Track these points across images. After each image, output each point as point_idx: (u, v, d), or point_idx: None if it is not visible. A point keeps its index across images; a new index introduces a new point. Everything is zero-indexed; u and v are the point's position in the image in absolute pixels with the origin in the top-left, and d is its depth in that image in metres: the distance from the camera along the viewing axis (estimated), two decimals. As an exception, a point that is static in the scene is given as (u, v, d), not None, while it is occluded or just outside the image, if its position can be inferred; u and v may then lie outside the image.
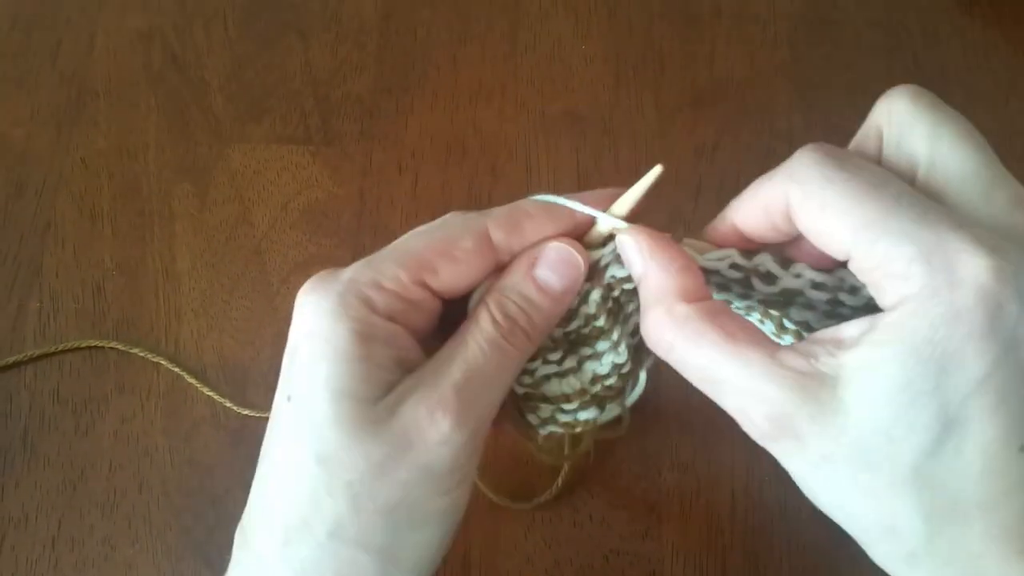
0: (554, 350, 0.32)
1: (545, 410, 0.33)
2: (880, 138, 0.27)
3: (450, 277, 0.29)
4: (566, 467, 0.43)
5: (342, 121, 0.54)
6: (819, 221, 0.25)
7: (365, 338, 0.27)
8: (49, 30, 0.57)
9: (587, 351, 0.32)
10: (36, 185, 0.53)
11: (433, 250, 0.29)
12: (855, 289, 0.28)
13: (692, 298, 0.27)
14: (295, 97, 0.55)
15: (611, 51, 0.55)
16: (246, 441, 0.47)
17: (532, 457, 0.44)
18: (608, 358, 0.32)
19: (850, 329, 0.25)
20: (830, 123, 0.52)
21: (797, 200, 0.26)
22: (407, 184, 0.52)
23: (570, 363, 0.32)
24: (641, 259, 0.28)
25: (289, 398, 0.28)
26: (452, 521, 0.29)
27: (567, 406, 0.33)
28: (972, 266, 0.22)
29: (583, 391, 0.32)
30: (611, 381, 0.32)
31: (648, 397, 0.46)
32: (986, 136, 0.52)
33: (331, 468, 0.27)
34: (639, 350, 0.32)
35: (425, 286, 0.29)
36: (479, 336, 0.28)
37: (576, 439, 0.36)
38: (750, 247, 0.29)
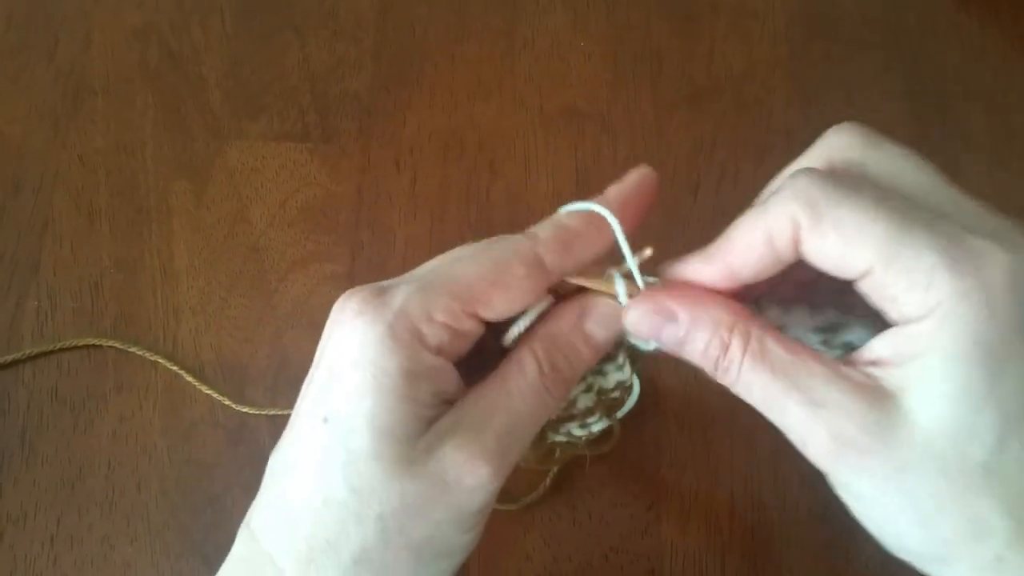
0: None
1: (566, 428, 0.33)
2: (830, 169, 0.27)
3: (502, 306, 0.28)
4: (555, 469, 0.44)
5: (340, 118, 0.54)
6: (834, 241, 0.25)
7: (412, 375, 0.27)
8: (45, 27, 0.57)
9: (611, 365, 0.32)
10: (33, 183, 0.52)
11: (486, 280, 0.28)
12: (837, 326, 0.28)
13: (743, 317, 0.27)
14: (292, 94, 0.54)
15: (609, 48, 0.55)
16: (244, 440, 0.47)
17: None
18: (613, 376, 0.32)
19: (882, 347, 0.25)
20: (828, 119, 0.51)
21: (808, 221, 0.25)
22: (405, 181, 0.52)
23: (589, 379, 0.32)
24: (675, 324, 0.28)
25: (326, 420, 0.27)
26: (471, 550, 0.29)
27: (589, 420, 0.33)
28: (996, 264, 0.23)
29: (597, 404, 0.33)
30: (615, 394, 0.33)
31: (647, 395, 0.46)
32: (983, 134, 0.52)
33: (363, 499, 0.26)
34: (635, 361, 0.32)
35: (476, 316, 0.28)
36: (523, 384, 0.28)
37: (564, 448, 0.37)
38: (731, 290, 0.28)
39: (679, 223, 0.50)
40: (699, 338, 0.27)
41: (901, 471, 0.24)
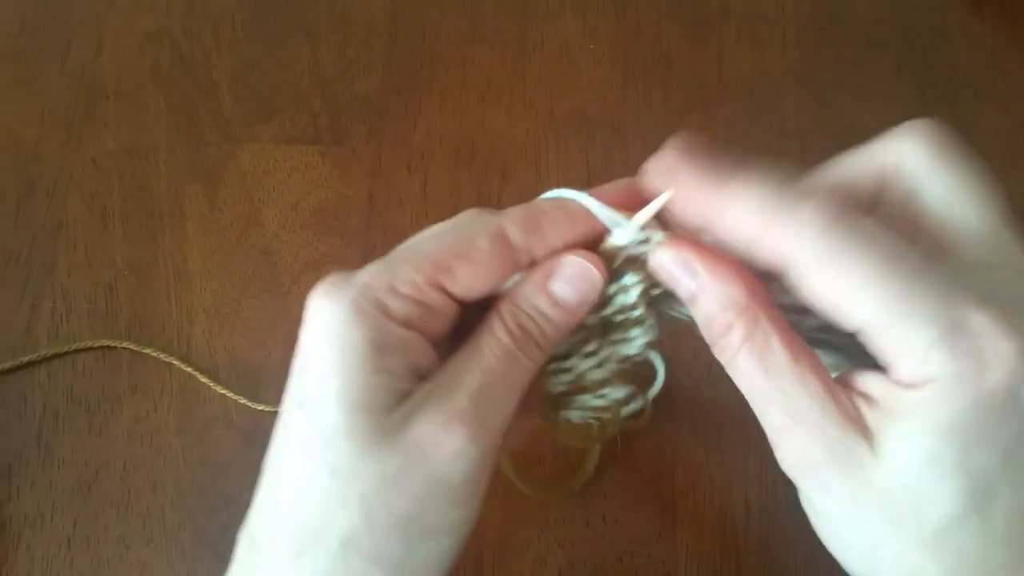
0: (588, 341, 0.31)
1: (580, 400, 0.33)
2: (881, 175, 0.27)
3: (467, 279, 0.28)
4: (596, 451, 0.44)
5: (351, 122, 0.54)
6: (832, 293, 0.24)
7: (380, 347, 0.26)
8: (58, 32, 0.57)
9: (619, 335, 0.32)
10: (47, 186, 0.53)
11: (449, 251, 0.28)
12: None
13: (757, 303, 0.26)
14: (304, 98, 0.55)
15: (619, 51, 0.55)
16: (258, 440, 0.47)
17: (554, 450, 0.44)
18: (639, 341, 0.31)
19: (874, 387, 0.25)
20: (840, 123, 0.52)
21: (807, 267, 0.24)
22: (416, 185, 0.52)
23: (605, 351, 0.32)
24: (693, 279, 0.27)
25: (301, 405, 0.27)
26: (465, 532, 0.29)
27: (604, 391, 0.32)
28: (998, 350, 0.22)
29: (617, 373, 0.32)
30: (639, 358, 0.32)
31: (661, 398, 0.46)
32: (994, 136, 0.52)
33: (344, 480, 0.26)
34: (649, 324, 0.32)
35: (442, 289, 0.28)
36: (493, 346, 0.28)
37: (603, 422, 0.37)
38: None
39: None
40: (708, 307, 0.27)
41: (855, 506, 0.24)
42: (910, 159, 0.26)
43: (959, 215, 0.25)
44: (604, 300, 0.30)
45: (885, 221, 0.27)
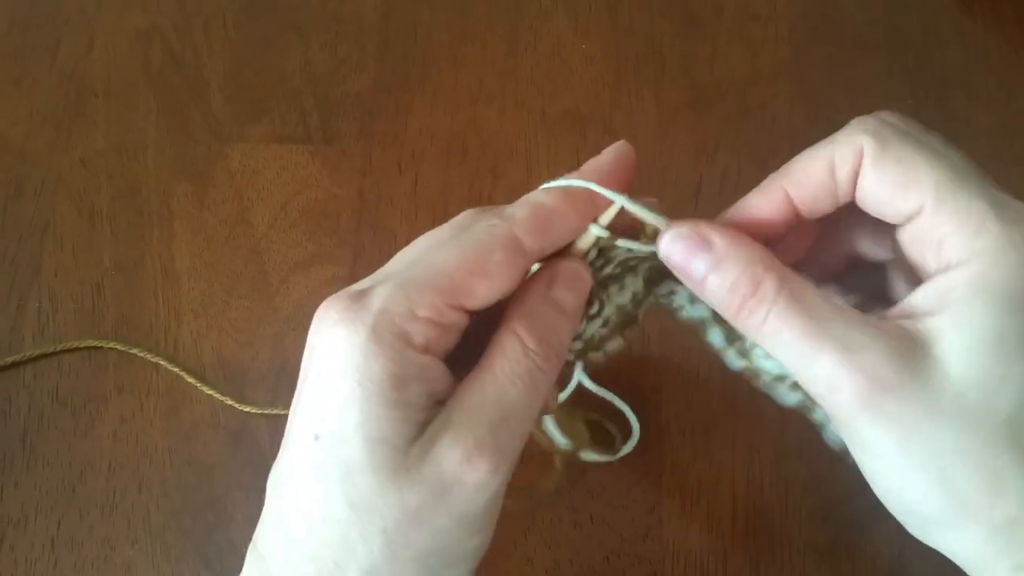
0: (592, 304, 0.31)
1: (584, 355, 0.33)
2: (856, 163, 0.27)
3: (485, 294, 0.27)
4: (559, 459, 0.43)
5: (342, 121, 0.54)
6: (894, 175, 0.26)
7: (400, 379, 0.26)
8: (48, 29, 0.57)
9: (615, 288, 0.32)
10: (35, 185, 0.52)
11: (466, 269, 0.27)
12: None
13: (778, 267, 0.27)
14: (294, 97, 0.54)
15: (611, 50, 0.55)
16: (245, 442, 0.46)
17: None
18: (633, 287, 0.32)
19: (920, 297, 0.25)
20: (832, 122, 0.51)
21: (873, 152, 0.26)
22: (407, 184, 0.52)
23: (608, 310, 0.32)
24: (707, 253, 0.27)
25: (317, 438, 0.26)
26: (481, 555, 0.29)
27: (606, 346, 0.33)
28: None
29: (615, 326, 0.32)
30: (629, 308, 0.32)
31: (649, 398, 0.46)
32: (985, 136, 0.52)
33: (364, 515, 0.26)
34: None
35: (460, 308, 0.27)
36: (509, 368, 0.27)
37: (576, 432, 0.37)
38: (781, 229, 0.29)
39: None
40: (730, 271, 0.27)
41: (928, 419, 0.24)
42: (897, 121, 0.28)
43: (953, 156, 0.27)
44: (605, 261, 0.30)
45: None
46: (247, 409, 0.47)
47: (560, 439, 0.40)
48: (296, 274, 0.50)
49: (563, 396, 0.37)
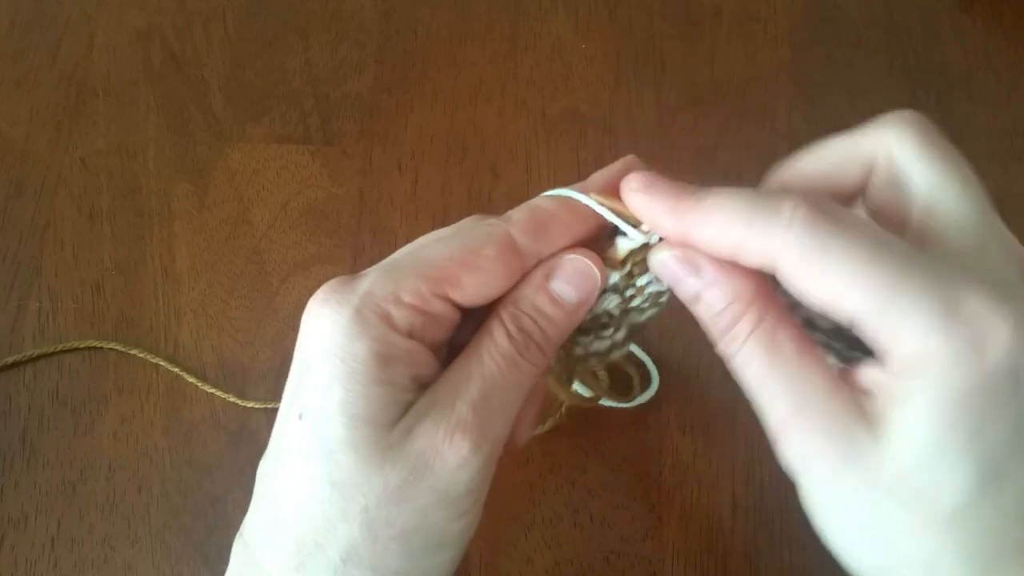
0: (607, 326, 0.31)
1: (594, 361, 0.33)
2: (867, 166, 0.27)
3: (474, 288, 0.27)
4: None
5: (342, 121, 0.54)
6: (821, 288, 0.24)
7: (383, 358, 0.26)
8: (48, 30, 0.57)
9: (635, 314, 0.32)
10: (35, 185, 0.52)
11: (455, 260, 0.27)
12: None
13: (763, 297, 0.26)
14: (295, 96, 0.55)
15: (611, 50, 0.55)
16: (245, 441, 0.47)
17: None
18: (651, 312, 0.31)
19: (872, 377, 0.24)
20: (832, 122, 0.51)
21: (790, 267, 0.24)
22: (407, 184, 0.52)
23: (624, 328, 0.32)
24: (697, 276, 0.27)
25: (300, 416, 0.27)
26: (465, 541, 0.29)
27: (620, 350, 0.32)
28: (995, 330, 0.22)
29: (628, 334, 0.32)
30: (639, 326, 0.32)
31: (648, 399, 0.46)
32: (985, 137, 0.52)
33: (345, 493, 0.26)
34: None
35: (447, 299, 0.27)
36: (494, 352, 0.27)
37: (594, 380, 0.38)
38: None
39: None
40: (715, 300, 0.26)
41: (868, 489, 0.24)
42: (896, 148, 0.26)
43: (945, 203, 0.25)
44: (621, 291, 0.30)
45: (871, 209, 0.27)
46: (249, 404, 0.47)
47: (579, 387, 0.39)
48: (296, 274, 0.50)
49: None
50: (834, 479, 0.24)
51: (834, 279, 0.23)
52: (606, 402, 0.42)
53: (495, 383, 0.27)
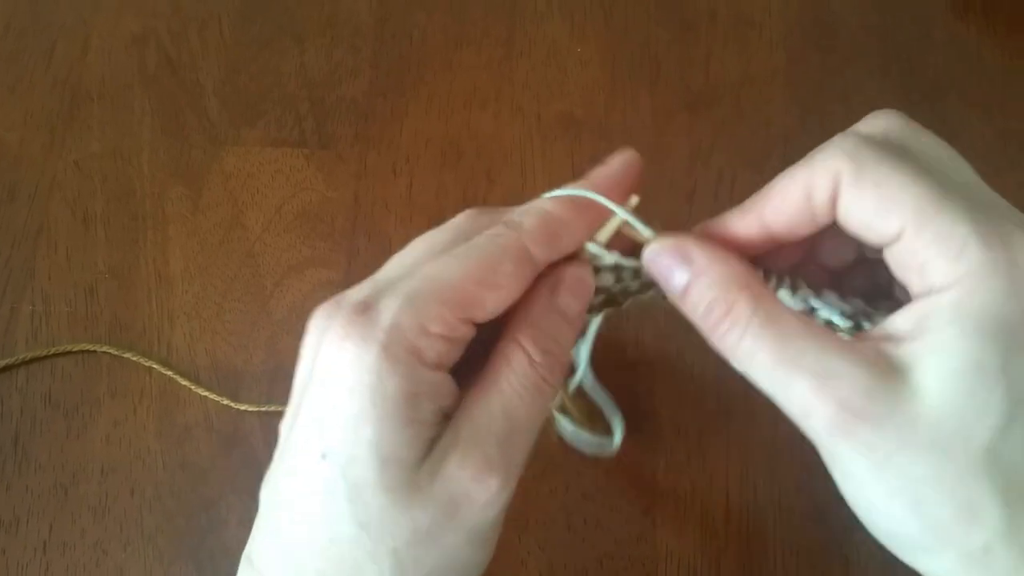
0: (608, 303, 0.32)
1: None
2: (834, 188, 0.27)
3: (493, 305, 0.27)
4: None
5: (337, 124, 0.54)
6: (872, 199, 0.25)
7: (412, 397, 0.25)
8: (43, 33, 0.57)
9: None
10: (29, 189, 0.52)
11: (475, 281, 0.26)
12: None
13: (755, 280, 0.27)
14: (290, 100, 0.55)
15: (607, 55, 0.55)
16: (239, 445, 0.46)
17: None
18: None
19: (901, 320, 0.25)
20: (825, 126, 0.51)
21: (850, 176, 0.25)
22: (402, 188, 0.52)
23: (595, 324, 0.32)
24: (687, 267, 0.27)
25: (324, 456, 0.26)
26: (484, 568, 0.29)
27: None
28: None
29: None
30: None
31: (642, 399, 0.46)
32: (979, 142, 0.52)
33: (373, 535, 0.25)
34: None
35: (470, 321, 0.27)
36: (514, 380, 0.27)
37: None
38: (762, 249, 0.28)
39: (675, 230, 0.50)
40: (707, 291, 0.26)
41: (902, 448, 0.23)
42: (889, 129, 0.27)
43: (947, 167, 0.26)
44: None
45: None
46: (243, 408, 0.46)
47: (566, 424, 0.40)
48: (290, 277, 0.50)
49: (572, 385, 0.37)
50: (873, 439, 0.24)
51: (881, 194, 0.25)
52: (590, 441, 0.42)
53: (520, 417, 0.27)
